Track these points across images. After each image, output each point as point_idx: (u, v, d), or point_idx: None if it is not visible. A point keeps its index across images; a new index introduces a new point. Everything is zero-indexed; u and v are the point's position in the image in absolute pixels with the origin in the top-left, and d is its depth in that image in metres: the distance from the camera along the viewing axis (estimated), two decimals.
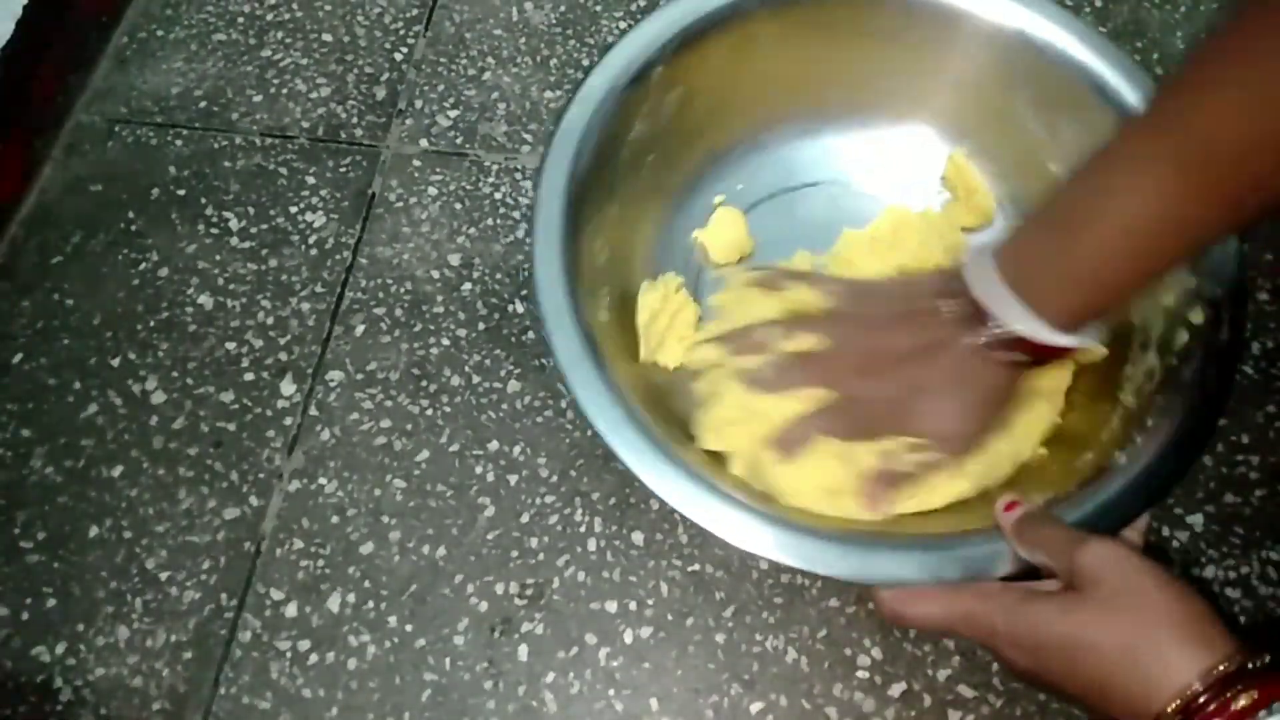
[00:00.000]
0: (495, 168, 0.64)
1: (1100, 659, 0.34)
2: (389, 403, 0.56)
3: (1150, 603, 0.34)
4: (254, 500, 0.54)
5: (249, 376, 0.57)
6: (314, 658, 0.50)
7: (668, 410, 0.48)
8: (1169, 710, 0.32)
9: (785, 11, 0.54)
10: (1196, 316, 0.46)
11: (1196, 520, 0.52)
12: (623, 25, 0.69)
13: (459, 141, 0.65)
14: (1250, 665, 0.32)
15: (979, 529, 0.42)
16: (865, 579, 0.40)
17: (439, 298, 0.59)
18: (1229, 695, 0.31)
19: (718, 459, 0.47)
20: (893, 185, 0.59)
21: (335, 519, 0.53)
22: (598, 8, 0.70)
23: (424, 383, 0.57)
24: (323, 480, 0.54)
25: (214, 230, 0.62)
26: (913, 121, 0.59)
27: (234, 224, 0.62)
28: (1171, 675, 0.32)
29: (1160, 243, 0.38)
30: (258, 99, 0.67)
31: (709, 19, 0.53)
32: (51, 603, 0.51)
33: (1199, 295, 0.46)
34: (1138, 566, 0.35)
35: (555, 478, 0.54)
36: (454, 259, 0.61)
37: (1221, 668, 0.31)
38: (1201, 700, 0.31)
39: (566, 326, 0.45)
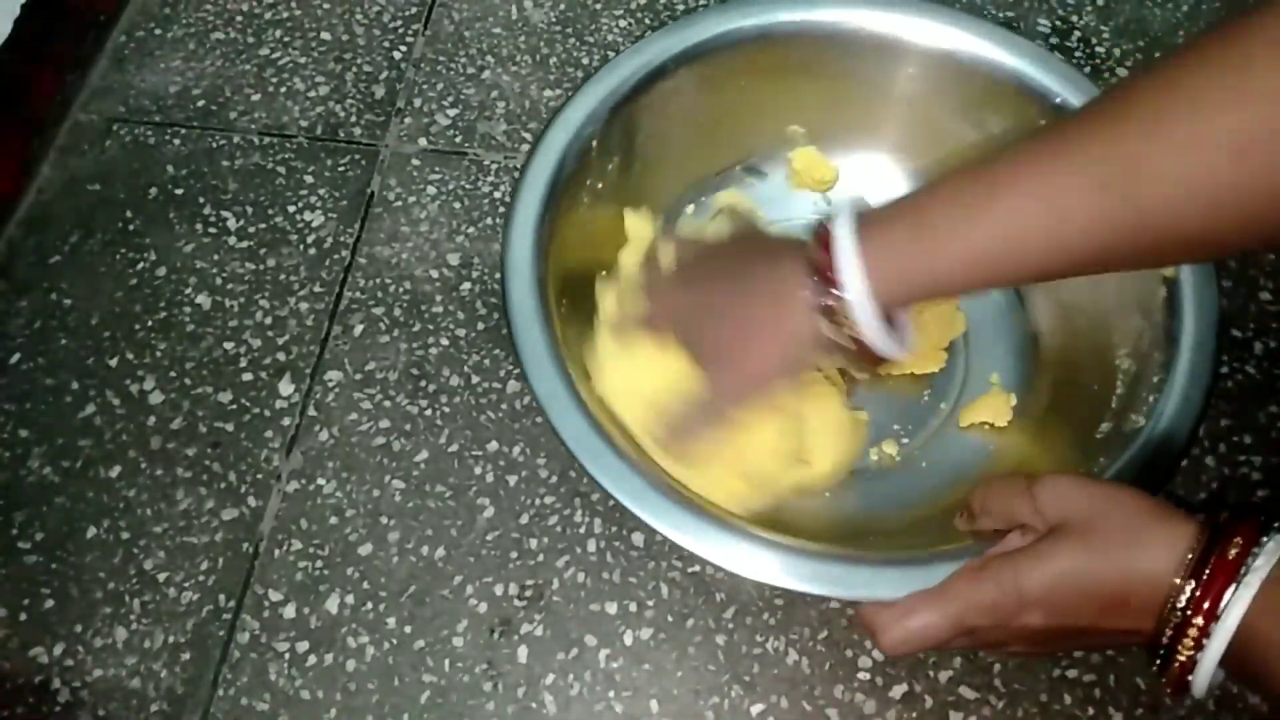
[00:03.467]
0: (495, 167, 0.64)
1: (1107, 570, 0.35)
2: (388, 403, 0.56)
3: (1120, 506, 0.36)
4: (252, 501, 0.53)
5: (247, 376, 0.57)
6: (312, 659, 0.49)
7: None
8: (1178, 581, 0.33)
9: (709, 59, 0.55)
10: (1169, 271, 0.47)
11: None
12: (622, 24, 0.69)
13: (458, 140, 0.65)
14: (1219, 521, 0.34)
15: (962, 545, 0.41)
16: (859, 598, 0.40)
17: (438, 297, 0.59)
18: (1219, 547, 0.33)
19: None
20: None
21: (334, 520, 0.53)
22: (597, 6, 0.70)
23: (423, 383, 0.57)
24: (321, 481, 0.54)
25: (212, 230, 0.62)
26: (864, 150, 0.59)
27: (232, 223, 0.62)
28: (1170, 549, 0.34)
29: (1049, 254, 0.37)
30: (256, 98, 0.67)
31: (634, 87, 0.53)
32: (49, 603, 0.51)
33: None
34: (1089, 484, 0.37)
35: (555, 478, 0.54)
36: (453, 258, 0.61)
37: (1201, 534, 0.34)
38: (1201, 559, 0.33)
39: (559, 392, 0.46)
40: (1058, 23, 0.69)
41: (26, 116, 0.64)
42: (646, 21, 0.69)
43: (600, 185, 0.53)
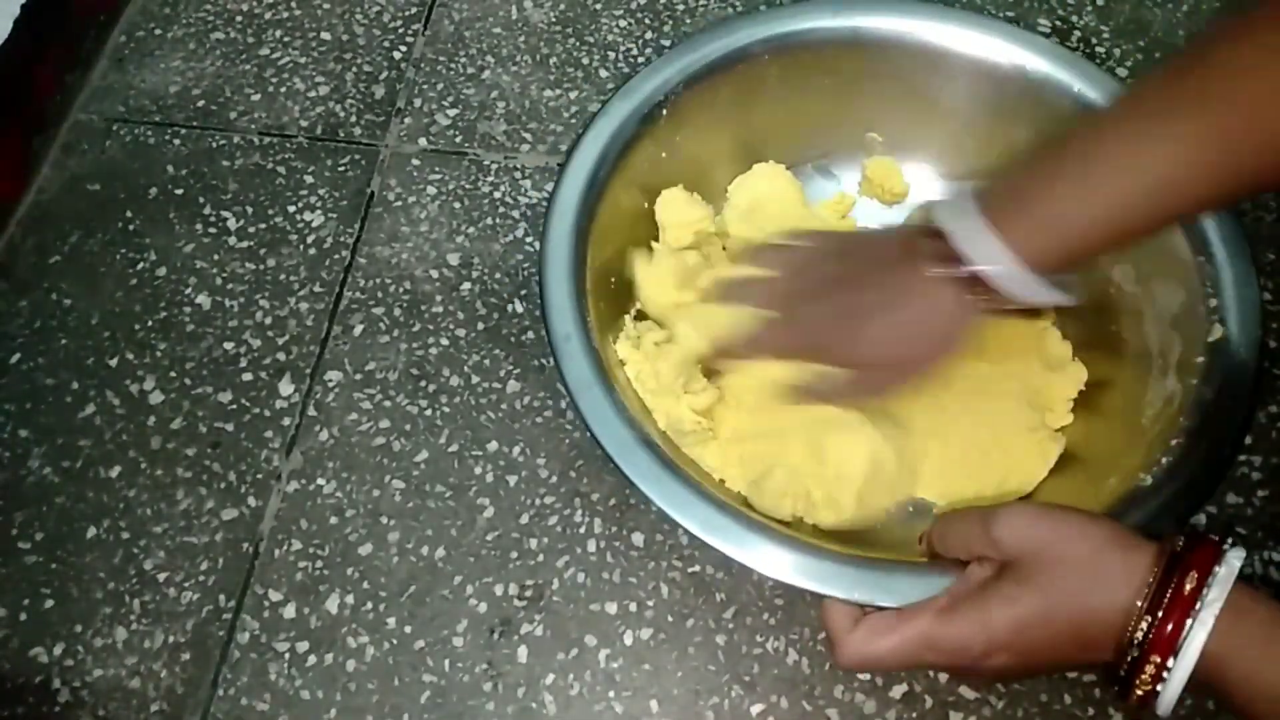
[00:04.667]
0: (495, 167, 0.64)
1: (1069, 608, 0.35)
2: (387, 403, 0.56)
3: (1077, 538, 0.36)
4: (252, 501, 0.53)
5: (247, 376, 0.57)
6: (312, 659, 0.49)
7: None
8: (1135, 616, 0.34)
9: (784, 56, 0.55)
10: (1214, 334, 0.46)
11: (1198, 521, 0.52)
12: (622, 24, 0.69)
13: (458, 140, 0.65)
14: (1175, 550, 0.34)
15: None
16: (866, 600, 0.40)
17: (438, 297, 0.59)
18: (1176, 580, 0.33)
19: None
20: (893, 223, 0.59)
21: (334, 520, 0.53)
22: (597, 6, 0.70)
23: (423, 383, 0.57)
24: (321, 481, 0.54)
25: (212, 230, 0.62)
26: (910, 161, 0.59)
27: (232, 223, 0.62)
28: (1127, 582, 0.35)
29: (1172, 198, 0.38)
30: (256, 98, 0.67)
31: (712, 65, 0.54)
32: (49, 604, 0.51)
33: (1217, 314, 0.46)
34: (1049, 515, 0.38)
35: (555, 478, 0.54)
36: (453, 258, 0.61)
37: (1156, 567, 0.34)
38: (1157, 592, 0.34)
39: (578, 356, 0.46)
40: (1058, 23, 0.69)
41: (26, 116, 0.64)
42: (646, 21, 0.69)
43: (646, 173, 0.54)
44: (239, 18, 0.70)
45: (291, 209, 0.62)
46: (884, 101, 0.57)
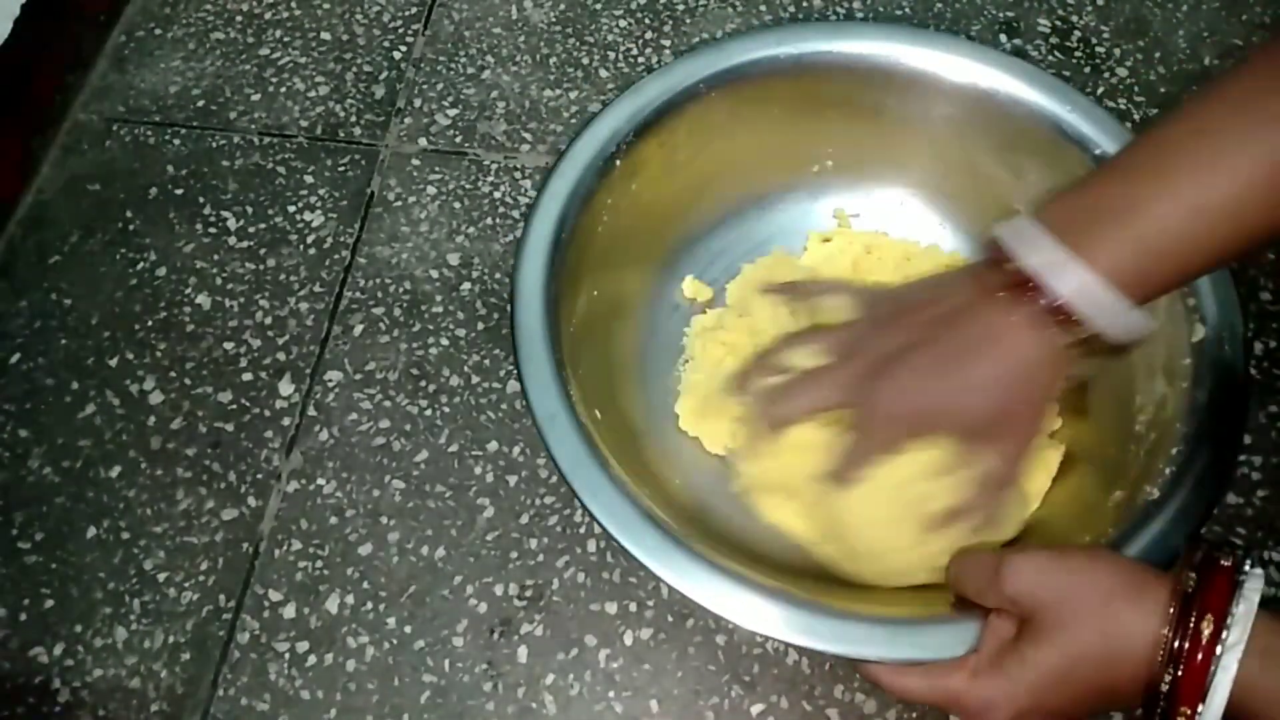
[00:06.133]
0: (494, 166, 0.64)
1: (1089, 665, 0.35)
2: (387, 403, 0.56)
3: (1088, 586, 0.35)
4: (252, 501, 0.53)
5: (247, 376, 0.57)
6: (312, 659, 0.49)
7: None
8: (1157, 668, 0.33)
9: (737, 88, 0.53)
10: (1196, 334, 0.45)
11: (1210, 533, 0.52)
12: (622, 24, 0.69)
13: (458, 140, 0.65)
14: (1188, 590, 0.33)
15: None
16: (870, 657, 0.39)
17: (438, 297, 0.59)
18: (1193, 629, 0.32)
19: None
20: None
21: (334, 520, 0.53)
22: (597, 6, 0.70)
23: (423, 383, 0.57)
24: (321, 481, 0.54)
25: (212, 230, 0.62)
26: (889, 186, 0.58)
27: (232, 223, 0.62)
28: (1144, 631, 0.34)
29: (1262, 208, 0.35)
30: (256, 98, 0.67)
31: (667, 104, 0.52)
32: (49, 603, 0.51)
33: (1197, 312, 0.45)
34: (1056, 564, 0.36)
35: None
36: (453, 258, 0.61)
37: (1171, 610, 0.33)
38: (1177, 640, 0.33)
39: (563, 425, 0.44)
40: (1058, 23, 0.69)
41: (26, 116, 0.64)
42: (646, 21, 0.69)
43: (620, 203, 0.52)
44: (239, 18, 0.70)
45: (291, 209, 0.62)
46: (833, 127, 0.56)
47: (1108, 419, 0.49)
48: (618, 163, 0.51)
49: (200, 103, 0.66)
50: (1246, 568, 0.34)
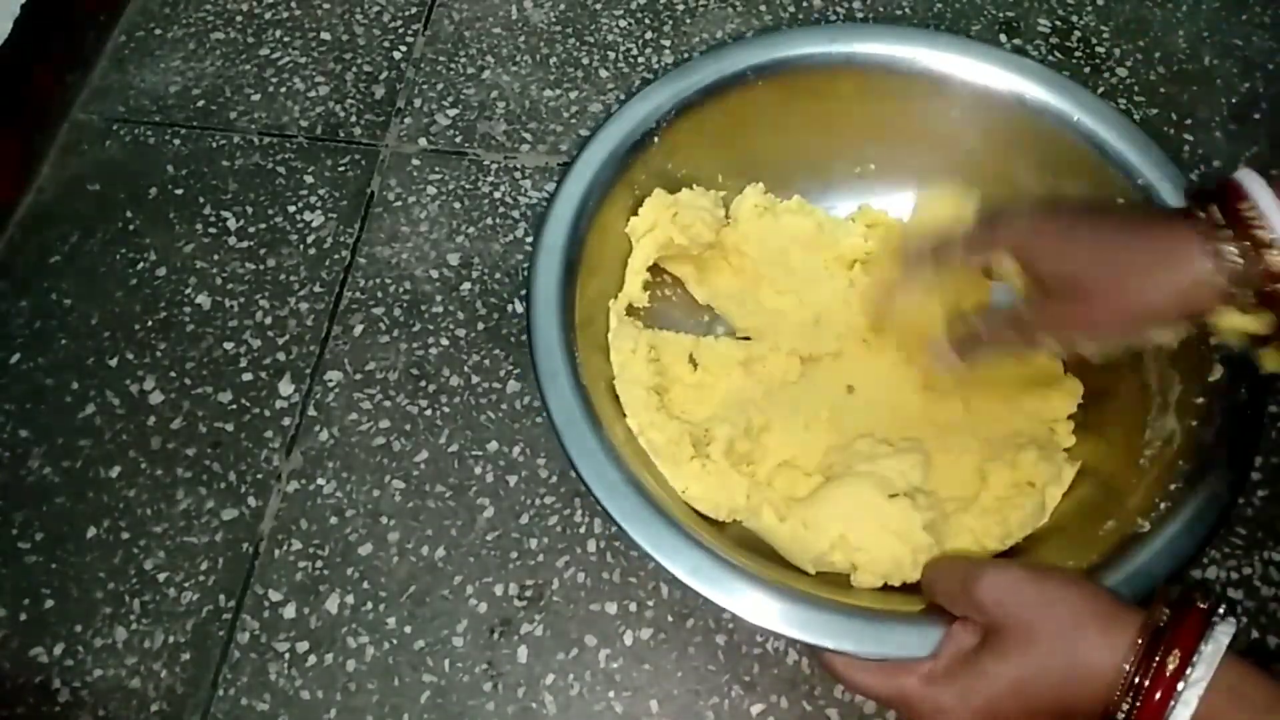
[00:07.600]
0: (495, 167, 0.64)
1: (1048, 684, 0.35)
2: (387, 403, 0.56)
3: (1058, 608, 0.36)
4: (252, 501, 0.53)
5: (247, 376, 0.57)
6: (312, 659, 0.49)
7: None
8: (1117, 698, 0.33)
9: (782, 80, 0.54)
10: (1214, 375, 0.45)
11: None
12: (622, 24, 0.69)
13: (458, 140, 0.65)
14: (1160, 625, 0.34)
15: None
16: (862, 652, 0.40)
17: (438, 297, 0.59)
18: (1158, 662, 0.33)
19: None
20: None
21: (334, 520, 0.53)
22: (597, 6, 0.70)
23: (423, 383, 0.57)
24: (321, 481, 0.54)
25: (212, 230, 0.62)
26: (912, 189, 0.58)
27: (232, 223, 0.62)
28: (1110, 661, 0.34)
29: None
30: (256, 98, 0.67)
31: (705, 90, 0.53)
32: (49, 604, 0.51)
33: (1217, 352, 0.45)
34: (1030, 581, 0.37)
35: (555, 478, 0.54)
36: (453, 258, 0.61)
37: (1139, 641, 0.34)
38: (1140, 672, 0.33)
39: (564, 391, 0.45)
40: (1058, 23, 0.69)
41: (26, 116, 0.64)
42: (647, 21, 0.69)
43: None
44: (239, 18, 0.70)
45: (291, 209, 0.62)
46: (878, 127, 0.56)
47: (1118, 447, 0.49)
48: (655, 139, 0.52)
49: (200, 103, 0.66)
50: (1220, 612, 0.34)
